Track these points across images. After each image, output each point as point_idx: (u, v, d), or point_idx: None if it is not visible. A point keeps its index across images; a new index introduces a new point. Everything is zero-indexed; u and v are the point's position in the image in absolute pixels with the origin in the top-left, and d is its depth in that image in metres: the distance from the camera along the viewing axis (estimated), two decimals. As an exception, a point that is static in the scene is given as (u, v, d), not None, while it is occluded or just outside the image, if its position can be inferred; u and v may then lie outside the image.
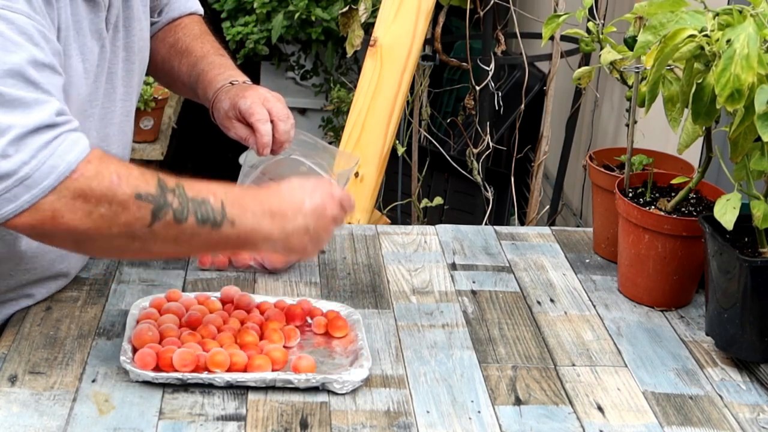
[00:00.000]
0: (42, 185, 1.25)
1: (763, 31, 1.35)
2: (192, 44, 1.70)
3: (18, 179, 1.24)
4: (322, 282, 1.68)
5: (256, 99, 1.58)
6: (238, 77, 1.64)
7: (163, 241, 1.32)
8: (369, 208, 2.46)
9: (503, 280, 1.72)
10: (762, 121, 1.33)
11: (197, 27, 1.74)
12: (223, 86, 1.62)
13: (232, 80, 1.63)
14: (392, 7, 2.54)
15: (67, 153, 1.26)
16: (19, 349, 1.44)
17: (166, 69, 1.72)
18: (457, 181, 3.33)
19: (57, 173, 1.25)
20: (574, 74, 1.83)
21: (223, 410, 1.33)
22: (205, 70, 1.66)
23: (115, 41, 1.49)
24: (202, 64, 1.67)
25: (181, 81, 1.71)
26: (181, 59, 1.70)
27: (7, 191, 1.24)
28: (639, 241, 1.62)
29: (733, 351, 1.49)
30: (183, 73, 1.70)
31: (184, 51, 1.70)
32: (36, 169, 1.24)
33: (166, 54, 1.71)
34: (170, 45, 1.72)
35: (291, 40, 4.26)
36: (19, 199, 1.24)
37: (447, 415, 1.35)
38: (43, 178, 1.25)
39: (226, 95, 1.60)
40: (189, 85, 1.69)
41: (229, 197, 1.34)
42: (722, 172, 1.50)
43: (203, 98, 1.66)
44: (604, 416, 1.37)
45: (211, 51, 1.70)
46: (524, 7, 3.70)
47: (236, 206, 1.34)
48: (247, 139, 1.59)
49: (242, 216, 1.34)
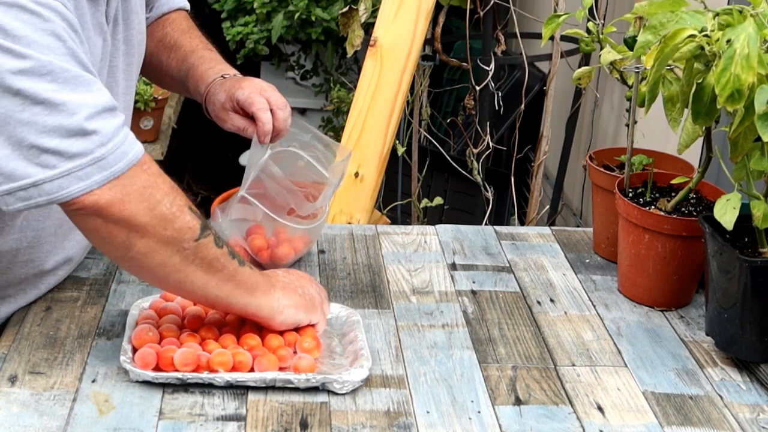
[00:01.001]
0: (114, 168, 1.27)
1: (763, 31, 1.35)
2: (180, 39, 1.72)
3: (93, 159, 1.26)
4: (322, 282, 1.68)
5: (254, 89, 1.60)
6: (229, 71, 1.66)
7: (200, 264, 1.35)
8: (369, 208, 2.46)
9: (503, 280, 1.72)
10: (762, 121, 1.33)
11: (185, 22, 1.76)
12: (216, 80, 1.64)
13: (223, 74, 1.65)
14: (392, 7, 2.55)
15: (135, 142, 1.30)
16: (19, 349, 1.44)
17: (155, 64, 1.73)
18: (457, 181, 3.33)
19: (128, 159, 1.28)
20: (574, 74, 1.83)
21: (223, 410, 1.33)
22: (195, 65, 1.67)
23: (115, 35, 1.50)
24: (191, 58, 1.69)
25: (170, 76, 1.72)
26: (170, 54, 1.71)
27: (80, 169, 1.26)
28: (639, 241, 1.62)
29: (733, 351, 1.49)
30: (172, 67, 1.71)
31: (172, 46, 1.72)
32: (111, 152, 1.27)
33: (155, 49, 1.73)
34: (158, 40, 1.73)
35: (291, 40, 4.26)
36: (90, 179, 1.26)
37: (447, 415, 1.35)
38: (116, 161, 1.27)
39: (220, 88, 1.62)
40: (178, 79, 1.70)
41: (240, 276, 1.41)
42: (722, 172, 1.50)
43: (194, 92, 1.67)
44: (604, 416, 1.37)
45: (200, 45, 1.71)
46: (524, 7, 3.70)
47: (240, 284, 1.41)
48: (245, 130, 1.60)
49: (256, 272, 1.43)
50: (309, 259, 1.74)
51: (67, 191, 1.26)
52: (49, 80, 1.25)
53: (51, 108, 1.25)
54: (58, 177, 1.25)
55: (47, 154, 1.25)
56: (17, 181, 1.26)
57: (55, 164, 1.25)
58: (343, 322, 1.53)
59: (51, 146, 1.25)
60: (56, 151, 1.25)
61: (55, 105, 1.25)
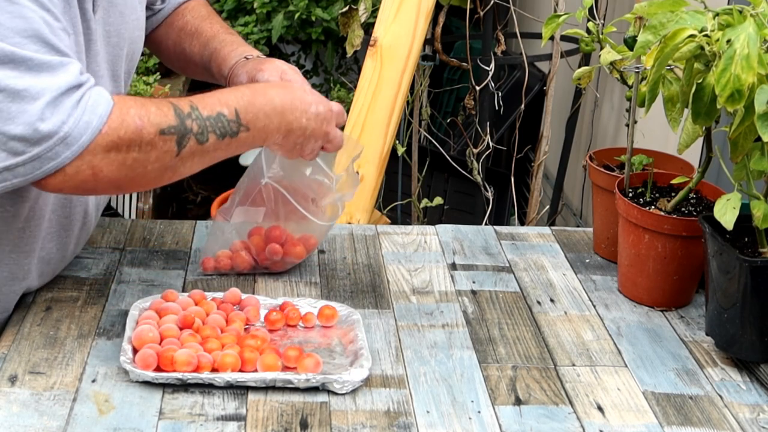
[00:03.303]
0: (80, 142, 1.30)
1: (763, 31, 1.35)
2: (201, 25, 1.74)
3: (59, 138, 1.29)
4: (322, 282, 1.68)
5: (274, 72, 1.61)
6: (252, 52, 1.67)
7: (191, 162, 1.40)
8: (369, 208, 2.46)
9: (503, 280, 1.72)
10: (762, 121, 1.33)
11: (204, 9, 1.78)
12: (239, 61, 1.65)
13: (246, 55, 1.66)
14: (392, 7, 2.55)
15: (97, 106, 1.32)
16: (19, 349, 1.44)
17: (179, 52, 1.76)
18: (457, 181, 3.33)
19: (92, 128, 1.31)
20: (574, 74, 1.83)
21: (223, 410, 1.33)
22: (217, 49, 1.69)
23: (100, 24, 1.50)
24: (213, 43, 1.70)
25: (193, 62, 1.74)
26: (192, 41, 1.73)
27: (49, 150, 1.30)
28: (639, 241, 1.62)
29: (733, 351, 1.49)
30: (195, 54, 1.73)
31: (194, 33, 1.74)
32: (74, 127, 1.30)
33: (177, 38, 1.75)
34: (179, 28, 1.75)
35: (291, 40, 4.26)
36: (60, 156, 1.30)
37: (447, 415, 1.35)
38: (80, 134, 1.30)
39: (242, 69, 1.63)
40: (202, 65, 1.72)
41: (241, 104, 1.44)
42: (722, 172, 1.50)
43: (218, 75, 1.69)
44: (604, 416, 1.37)
45: (221, 30, 1.73)
46: (524, 7, 3.71)
47: (249, 112, 1.44)
48: None
49: (255, 120, 1.44)
50: (309, 259, 1.74)
51: (40, 171, 1.31)
52: (11, 68, 1.28)
53: (13, 95, 1.28)
54: (29, 161, 1.30)
55: (14, 140, 1.29)
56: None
57: (23, 150, 1.29)
58: (343, 322, 1.53)
59: (17, 133, 1.28)
60: (22, 137, 1.28)
61: (17, 91, 1.28)
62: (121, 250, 1.74)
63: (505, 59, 3.15)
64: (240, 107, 1.43)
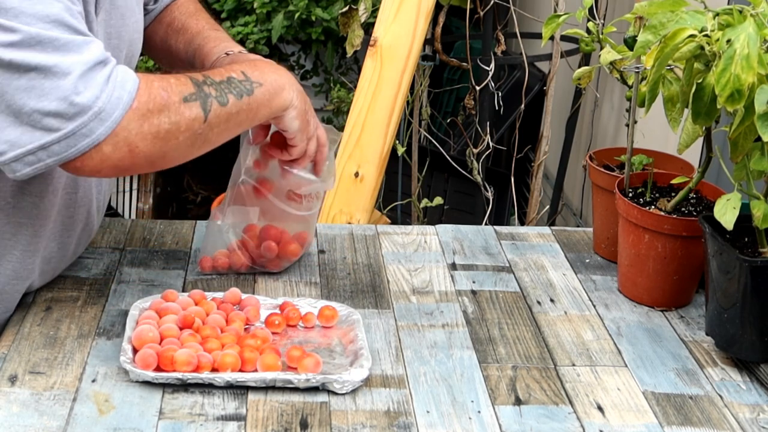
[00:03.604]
0: (113, 117, 1.32)
1: (763, 31, 1.35)
2: (188, 21, 1.76)
3: (93, 114, 1.30)
4: (322, 282, 1.68)
5: None
6: (234, 48, 1.69)
7: (218, 129, 1.43)
8: (369, 208, 2.46)
9: (503, 280, 1.72)
10: (762, 121, 1.33)
11: (192, 5, 1.80)
12: (219, 57, 1.67)
13: (227, 51, 1.67)
14: (392, 7, 2.55)
15: (126, 82, 1.34)
16: (19, 349, 1.44)
17: (165, 48, 1.77)
18: (457, 181, 3.33)
19: (123, 103, 1.32)
20: (574, 74, 1.83)
21: (223, 410, 1.33)
22: (201, 45, 1.71)
23: (102, 26, 1.50)
24: (198, 39, 1.72)
25: (179, 58, 1.76)
26: (178, 37, 1.75)
27: (83, 126, 1.31)
28: (639, 241, 1.62)
29: (733, 351, 1.49)
30: (181, 50, 1.75)
31: (180, 29, 1.76)
32: (107, 102, 1.31)
33: (164, 34, 1.77)
34: (167, 24, 1.77)
35: (291, 40, 4.26)
36: (95, 133, 1.31)
37: (447, 415, 1.35)
38: (113, 109, 1.32)
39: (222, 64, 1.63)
40: (187, 61, 1.74)
41: (244, 67, 1.49)
42: (722, 172, 1.50)
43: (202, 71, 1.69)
44: (604, 416, 1.37)
45: (206, 26, 1.75)
46: (524, 7, 3.71)
47: (255, 70, 1.48)
48: None
49: (263, 75, 1.48)
50: (309, 259, 1.74)
51: (75, 149, 1.31)
52: (38, 49, 1.29)
53: (45, 71, 1.29)
54: (64, 138, 1.30)
55: (49, 117, 1.29)
56: (24, 146, 1.30)
57: (59, 126, 1.30)
58: (343, 322, 1.53)
59: (51, 109, 1.29)
60: (57, 113, 1.29)
61: (48, 68, 1.29)
62: (121, 250, 1.74)
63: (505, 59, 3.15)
64: (245, 69, 1.48)
